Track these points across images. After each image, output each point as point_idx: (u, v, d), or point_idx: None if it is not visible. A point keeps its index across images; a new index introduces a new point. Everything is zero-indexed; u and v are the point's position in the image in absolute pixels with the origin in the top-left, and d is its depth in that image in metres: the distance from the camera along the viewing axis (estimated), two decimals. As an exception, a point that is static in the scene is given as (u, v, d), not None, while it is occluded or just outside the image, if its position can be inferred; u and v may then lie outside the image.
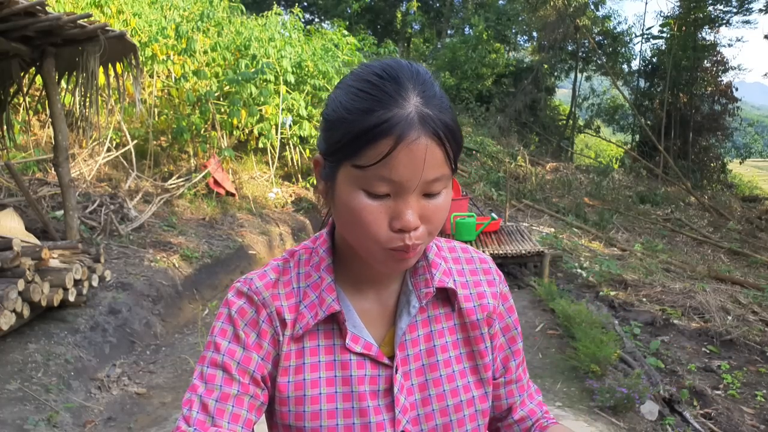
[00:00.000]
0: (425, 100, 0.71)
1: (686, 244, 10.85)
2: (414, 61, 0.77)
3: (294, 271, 0.86)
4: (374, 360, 0.82)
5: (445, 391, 0.85)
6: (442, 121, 0.71)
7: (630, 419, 3.49)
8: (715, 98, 18.60)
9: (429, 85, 0.73)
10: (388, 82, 0.71)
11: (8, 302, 3.48)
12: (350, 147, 0.71)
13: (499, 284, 0.94)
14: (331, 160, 0.75)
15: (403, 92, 0.71)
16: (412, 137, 0.69)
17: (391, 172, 0.70)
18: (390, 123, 0.69)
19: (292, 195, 9.47)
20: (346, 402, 0.81)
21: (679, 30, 17.95)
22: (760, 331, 5.44)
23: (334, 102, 0.75)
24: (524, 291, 6.22)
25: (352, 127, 0.71)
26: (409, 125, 0.69)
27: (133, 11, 8.12)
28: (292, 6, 14.20)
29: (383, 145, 0.69)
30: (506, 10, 19.90)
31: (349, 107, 0.72)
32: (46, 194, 6.15)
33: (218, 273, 6.13)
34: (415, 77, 0.73)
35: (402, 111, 0.69)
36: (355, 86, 0.73)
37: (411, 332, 0.85)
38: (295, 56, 9.22)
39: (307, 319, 0.81)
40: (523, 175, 13.75)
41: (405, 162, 0.69)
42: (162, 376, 4.03)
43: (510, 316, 0.95)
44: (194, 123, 8.18)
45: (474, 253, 0.96)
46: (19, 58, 5.08)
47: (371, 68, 0.74)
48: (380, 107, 0.70)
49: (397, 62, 0.75)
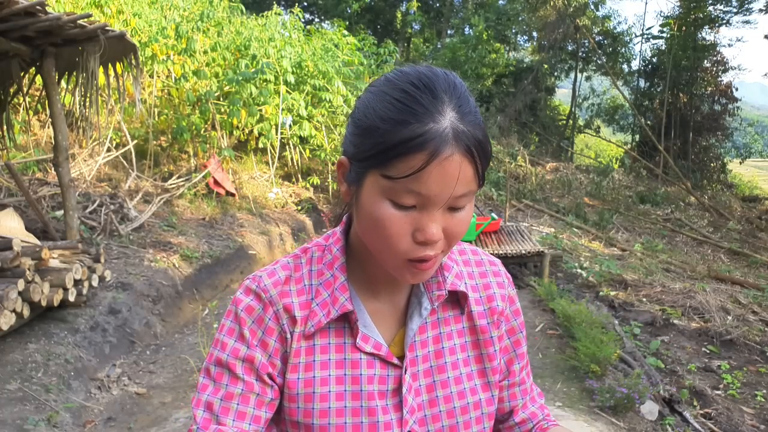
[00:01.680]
0: (461, 116, 0.70)
1: (686, 244, 10.85)
2: (450, 71, 0.75)
3: (306, 268, 0.86)
4: (383, 360, 0.83)
5: (453, 393, 0.85)
6: (476, 138, 0.70)
7: (630, 419, 3.49)
8: (715, 98, 18.61)
9: (465, 99, 0.72)
10: (424, 94, 0.70)
11: (8, 302, 3.48)
12: (381, 157, 0.70)
13: (507, 287, 0.94)
14: (358, 165, 0.74)
15: (439, 105, 0.69)
16: (446, 154, 0.68)
17: (420, 187, 0.69)
18: (425, 138, 0.67)
19: (292, 195, 9.47)
20: (355, 401, 0.81)
21: (679, 30, 17.94)
22: (760, 331, 5.44)
23: (367, 108, 0.73)
24: (524, 291, 6.22)
25: (384, 137, 0.69)
26: (444, 141, 0.68)
27: (133, 11, 8.11)
28: (292, 6, 14.19)
29: (416, 160, 0.68)
30: (506, 10, 19.89)
31: (383, 116, 0.70)
32: (46, 194, 6.15)
33: (218, 273, 6.13)
34: (451, 90, 0.71)
35: (437, 126, 0.68)
36: (389, 93, 0.72)
37: (421, 333, 0.85)
38: (295, 56, 9.22)
39: (319, 317, 0.82)
40: (523, 175, 13.75)
41: (436, 178, 0.69)
42: (162, 376, 4.03)
43: (516, 318, 0.95)
44: (194, 123, 8.18)
45: (483, 256, 0.96)
46: (19, 58, 5.07)
47: (407, 76, 0.73)
48: (415, 120, 0.68)
49: (434, 71, 0.73)
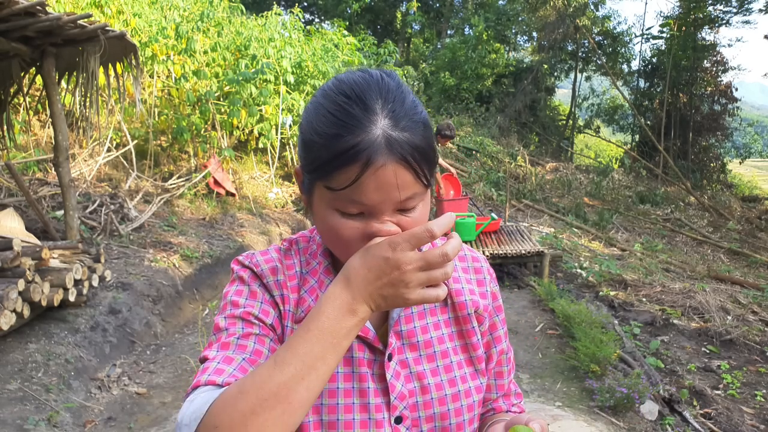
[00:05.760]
0: (394, 122, 0.71)
1: (686, 244, 10.84)
2: (387, 71, 0.76)
3: (296, 257, 0.89)
4: (371, 345, 0.85)
5: (443, 380, 0.87)
6: (410, 144, 0.71)
7: (630, 419, 3.49)
8: (714, 98, 18.60)
9: (399, 102, 0.72)
10: (355, 105, 0.71)
11: (8, 302, 3.49)
12: (321, 170, 0.72)
13: (489, 283, 0.96)
14: (307, 177, 0.77)
15: (371, 115, 0.70)
16: (379, 163, 0.69)
17: (361, 196, 0.71)
18: (357, 149, 0.68)
19: (292, 195, 9.47)
20: (347, 382, 0.83)
21: (678, 30, 17.94)
22: (759, 331, 5.44)
23: (307, 121, 0.76)
24: (524, 291, 6.22)
25: (321, 151, 0.71)
26: (376, 151, 0.69)
27: (133, 11, 8.11)
28: (292, 6, 14.19)
29: (351, 171, 0.69)
30: (506, 10, 19.89)
31: (319, 131, 0.72)
32: (47, 194, 6.15)
33: (218, 273, 6.13)
34: (384, 95, 0.72)
35: (369, 136, 0.69)
36: (324, 106, 0.73)
37: (407, 323, 0.88)
38: (295, 56, 9.23)
39: (308, 302, 0.84)
40: (522, 175, 13.74)
41: (374, 187, 0.70)
42: (162, 376, 4.03)
43: (497, 315, 0.97)
44: (194, 123, 8.18)
45: (467, 251, 0.98)
46: (20, 58, 5.08)
47: (341, 85, 0.74)
48: (347, 132, 0.69)
49: (366, 79, 0.74)
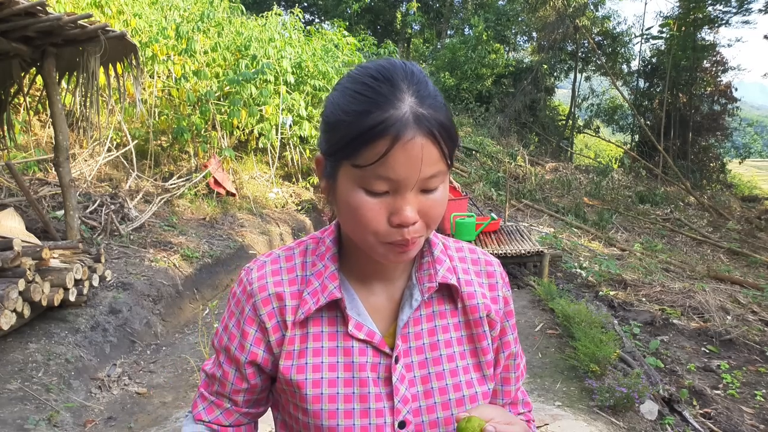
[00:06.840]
0: (420, 100, 0.73)
1: (686, 244, 10.85)
2: (409, 61, 0.78)
3: (299, 259, 0.90)
4: (376, 348, 0.85)
5: (448, 385, 0.86)
6: (437, 120, 0.73)
7: (629, 419, 3.50)
8: (714, 98, 18.63)
9: (423, 84, 0.75)
10: (383, 84, 0.73)
11: (9, 302, 3.49)
12: (349, 147, 0.73)
13: (501, 288, 0.95)
14: (332, 159, 0.77)
15: (398, 93, 0.72)
16: (408, 137, 0.71)
17: (388, 171, 0.72)
18: (386, 124, 0.70)
19: (292, 195, 9.48)
20: (348, 387, 0.83)
21: (678, 30, 17.95)
22: (759, 330, 5.45)
23: (332, 104, 0.77)
24: (524, 291, 6.22)
25: (349, 128, 0.72)
26: (405, 125, 0.71)
27: (133, 11, 8.11)
28: (292, 6, 14.21)
29: (380, 146, 0.71)
30: (506, 11, 19.90)
31: (347, 109, 0.74)
32: (47, 194, 6.15)
33: (218, 273, 6.14)
34: (409, 77, 0.74)
35: (397, 112, 0.71)
36: (351, 88, 0.75)
37: (415, 325, 0.87)
38: (295, 57, 9.23)
39: (309, 304, 0.85)
40: (522, 175, 13.75)
41: (402, 161, 0.71)
42: (162, 376, 4.04)
43: (508, 320, 0.96)
44: (194, 123, 8.18)
45: (481, 255, 0.97)
46: (20, 58, 5.08)
47: (367, 70, 0.76)
48: (376, 108, 0.71)
49: (392, 63, 0.76)
